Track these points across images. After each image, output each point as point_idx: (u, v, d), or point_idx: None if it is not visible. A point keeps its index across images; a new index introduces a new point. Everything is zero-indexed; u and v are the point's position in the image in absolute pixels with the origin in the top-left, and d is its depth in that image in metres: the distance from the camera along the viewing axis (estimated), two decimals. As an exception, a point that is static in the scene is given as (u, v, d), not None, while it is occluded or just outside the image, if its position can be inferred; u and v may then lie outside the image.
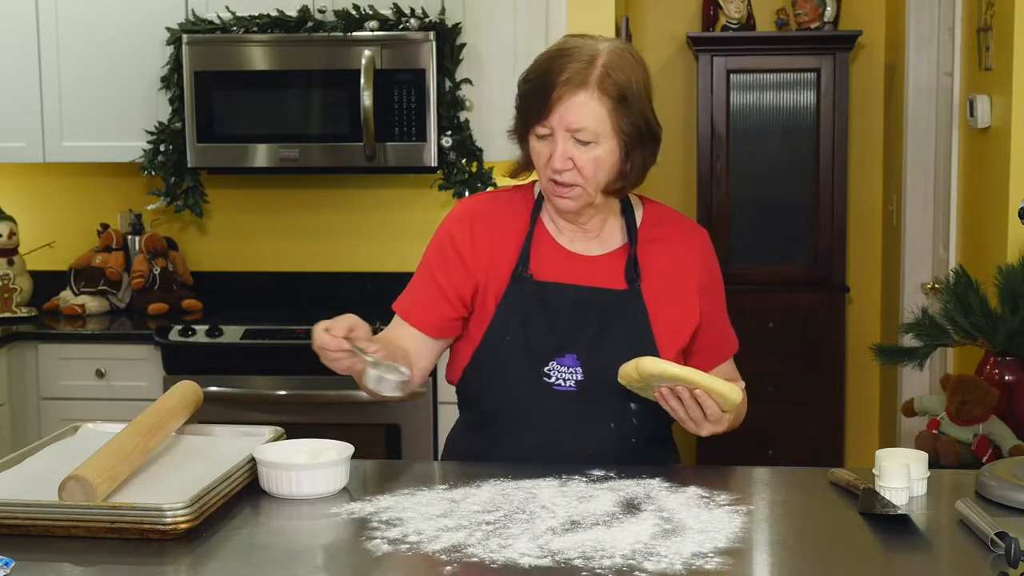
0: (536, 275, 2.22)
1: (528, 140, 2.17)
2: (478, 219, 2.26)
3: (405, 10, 4.11)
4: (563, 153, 2.11)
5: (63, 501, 1.80)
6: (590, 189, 2.16)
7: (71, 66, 4.25)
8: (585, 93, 2.10)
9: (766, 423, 5.00)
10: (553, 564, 1.67)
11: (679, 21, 5.21)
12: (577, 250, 2.25)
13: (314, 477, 1.98)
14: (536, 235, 2.25)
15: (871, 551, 1.76)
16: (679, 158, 5.28)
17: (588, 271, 2.23)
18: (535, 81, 2.14)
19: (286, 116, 4.14)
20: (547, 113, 2.10)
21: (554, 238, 2.26)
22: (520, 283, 2.21)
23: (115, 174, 4.49)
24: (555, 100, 2.09)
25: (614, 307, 2.20)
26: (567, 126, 2.10)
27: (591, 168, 2.13)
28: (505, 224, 2.26)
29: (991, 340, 3.02)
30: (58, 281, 4.47)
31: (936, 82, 4.46)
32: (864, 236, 5.24)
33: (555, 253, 2.24)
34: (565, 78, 2.09)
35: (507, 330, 2.20)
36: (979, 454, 2.91)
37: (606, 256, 2.25)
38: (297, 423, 2.52)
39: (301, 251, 4.56)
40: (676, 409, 2.06)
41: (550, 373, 2.18)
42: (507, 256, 2.23)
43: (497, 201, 2.31)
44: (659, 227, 2.30)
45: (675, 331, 2.24)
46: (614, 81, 2.11)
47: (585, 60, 2.11)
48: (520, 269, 2.22)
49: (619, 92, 2.12)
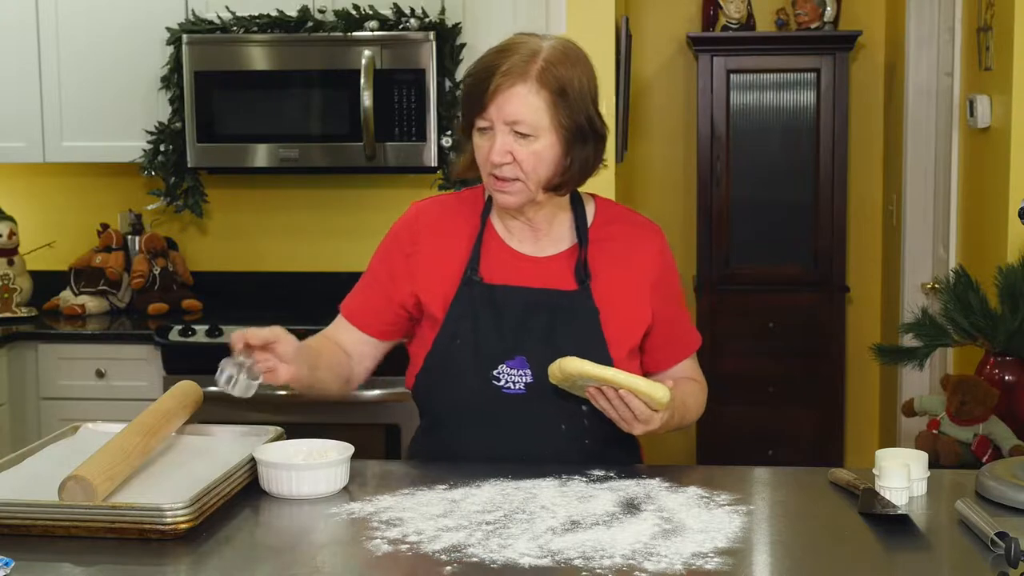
0: (485, 278, 2.21)
1: (471, 137, 2.18)
2: (425, 223, 2.27)
3: (405, 10, 4.11)
4: (502, 146, 2.11)
5: (63, 501, 1.80)
6: (531, 184, 2.14)
7: (71, 66, 4.25)
8: (524, 85, 2.09)
9: (766, 423, 5.01)
10: (553, 564, 1.67)
11: (679, 21, 5.21)
12: (527, 251, 2.24)
13: (314, 477, 1.98)
14: (486, 238, 2.24)
15: (871, 551, 1.76)
16: (679, 158, 5.28)
17: (538, 272, 2.22)
18: (476, 76, 2.14)
19: (286, 116, 4.14)
20: (486, 105, 2.10)
21: (504, 240, 2.25)
22: (469, 286, 2.20)
23: (115, 174, 4.49)
24: (493, 92, 2.09)
25: (564, 308, 2.20)
26: (505, 118, 2.10)
27: (531, 162, 2.12)
28: (454, 227, 2.26)
29: (991, 340, 3.02)
30: (58, 281, 4.47)
31: (936, 82, 4.45)
32: (864, 236, 5.24)
33: (505, 255, 2.23)
34: (504, 70, 2.09)
35: (457, 334, 2.19)
36: (979, 454, 2.91)
37: (556, 257, 2.24)
38: (297, 423, 2.52)
39: (301, 251, 4.56)
40: (606, 409, 2.06)
41: (499, 376, 2.17)
42: (456, 260, 2.23)
43: (446, 204, 2.31)
44: (611, 226, 2.28)
45: (626, 331, 2.23)
46: (554, 75, 2.10)
47: (527, 55, 2.11)
48: (469, 272, 2.21)
49: (559, 86, 2.11)
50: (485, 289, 2.20)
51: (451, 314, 2.20)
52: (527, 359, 2.17)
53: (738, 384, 4.97)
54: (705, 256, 5.02)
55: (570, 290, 2.21)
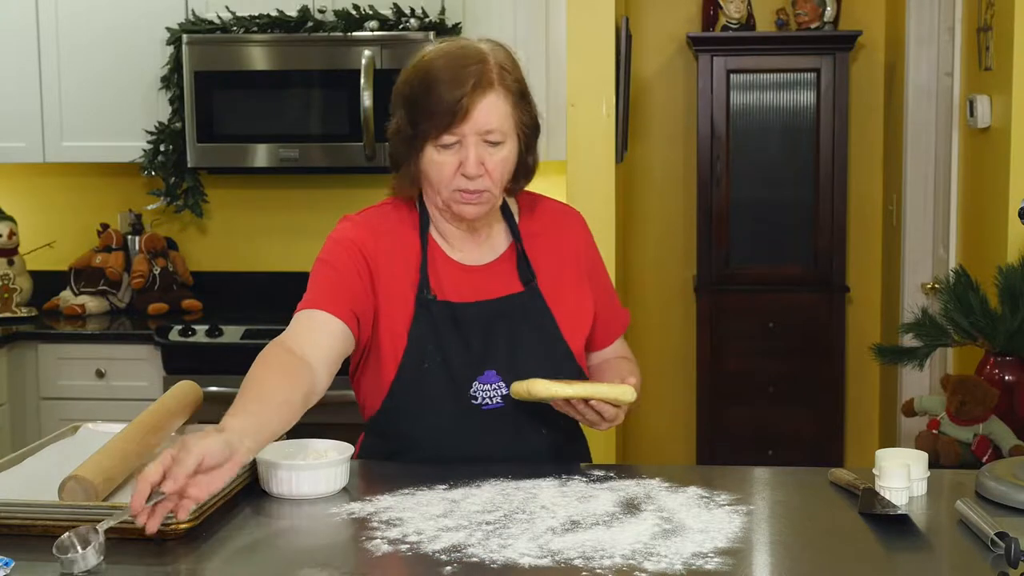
0: (439, 296, 2.16)
1: (423, 154, 2.10)
2: (367, 246, 2.15)
3: (405, 10, 4.11)
4: (476, 158, 2.07)
5: (63, 501, 1.80)
6: (496, 191, 2.13)
7: (71, 66, 4.25)
8: (493, 93, 2.07)
9: (766, 423, 5.00)
10: (553, 564, 1.67)
11: (679, 21, 5.21)
12: (470, 261, 2.21)
13: (314, 477, 1.98)
14: (430, 254, 2.19)
15: (871, 551, 1.76)
16: (679, 158, 5.28)
17: (486, 281, 2.20)
18: (431, 92, 2.06)
19: (286, 116, 4.14)
20: (458, 121, 2.04)
21: (446, 253, 2.20)
22: (426, 307, 2.15)
23: (115, 174, 4.49)
24: (467, 106, 2.04)
25: (518, 312, 2.19)
26: (479, 129, 2.06)
27: (499, 170, 2.10)
28: (394, 249, 2.17)
29: (991, 340, 3.02)
30: (58, 281, 4.47)
31: (936, 82, 4.45)
32: (864, 236, 5.24)
33: (451, 269, 2.19)
34: (471, 83, 2.04)
35: (424, 356, 2.14)
36: (979, 454, 2.91)
37: (498, 261, 2.23)
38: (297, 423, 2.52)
39: (301, 251, 4.54)
40: (576, 416, 2.10)
41: (476, 394, 2.15)
42: (403, 279, 2.16)
43: (383, 223, 2.19)
44: (536, 218, 2.27)
45: (577, 320, 2.24)
46: (513, 78, 2.10)
47: (477, 60, 2.08)
48: (424, 292, 2.15)
49: (519, 88, 2.11)
50: (443, 308, 2.16)
51: (414, 336, 2.14)
52: (497, 372, 2.16)
53: (738, 384, 4.97)
54: (705, 256, 5.02)
55: (519, 292, 2.21)
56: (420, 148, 2.10)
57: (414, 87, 2.10)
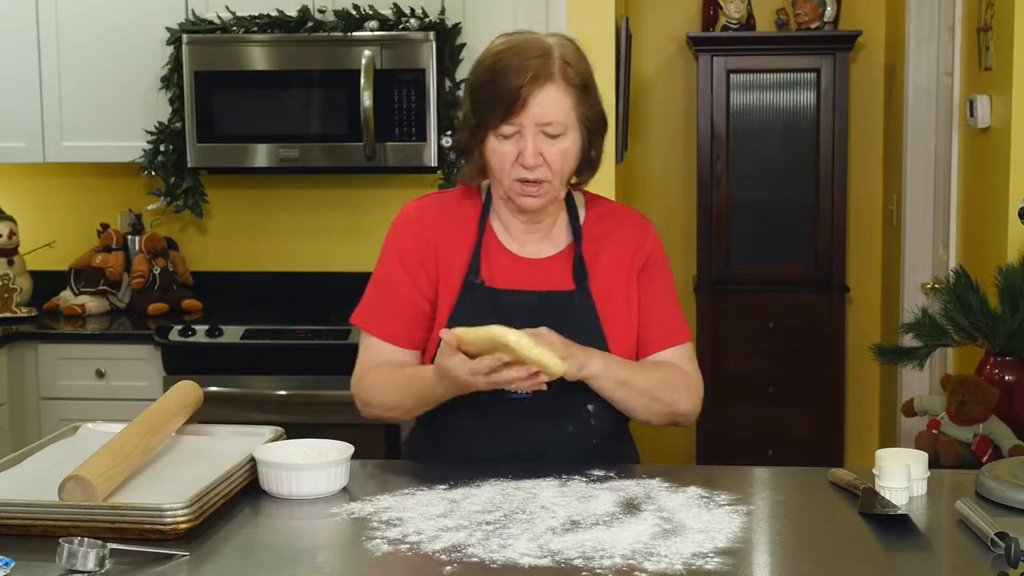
0: (487, 282, 2.20)
1: (485, 144, 2.15)
2: (427, 224, 2.24)
3: (405, 10, 4.11)
4: (535, 149, 2.11)
5: (63, 501, 1.80)
6: (557, 183, 2.16)
7: (71, 66, 4.25)
8: (552, 86, 2.10)
9: (766, 423, 5.01)
10: (553, 564, 1.67)
11: (679, 21, 5.21)
12: (526, 254, 2.24)
13: (314, 477, 1.98)
14: (485, 241, 2.23)
15: (871, 551, 1.76)
16: (679, 158, 5.28)
17: (537, 274, 2.22)
18: (493, 83, 2.12)
19: (286, 116, 4.14)
20: (516, 111, 2.09)
21: (503, 244, 2.24)
22: (472, 291, 2.20)
23: (115, 174, 4.49)
24: (525, 96, 2.08)
25: (564, 309, 2.20)
26: (537, 120, 2.10)
27: (559, 161, 2.13)
28: (453, 230, 2.24)
29: (991, 340, 3.02)
30: (58, 281, 4.47)
31: (936, 82, 4.45)
32: (864, 236, 5.24)
33: (505, 259, 2.23)
34: (530, 74, 2.09)
35: None
36: (979, 454, 2.91)
37: (554, 257, 2.24)
38: (297, 423, 2.52)
39: (301, 251, 4.56)
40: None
41: None
42: (457, 263, 2.22)
43: (445, 206, 2.28)
44: (602, 222, 2.28)
45: (625, 327, 2.23)
46: (576, 71, 2.13)
47: (541, 53, 2.11)
48: (471, 276, 2.20)
49: (581, 81, 2.14)
50: (488, 293, 2.20)
51: (454, 320, 2.19)
52: None
53: (738, 384, 4.97)
54: (705, 256, 5.02)
55: (569, 290, 2.21)
56: (483, 137, 2.15)
57: (479, 77, 2.16)
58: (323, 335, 3.93)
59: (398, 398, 2.21)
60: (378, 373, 2.23)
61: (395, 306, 2.24)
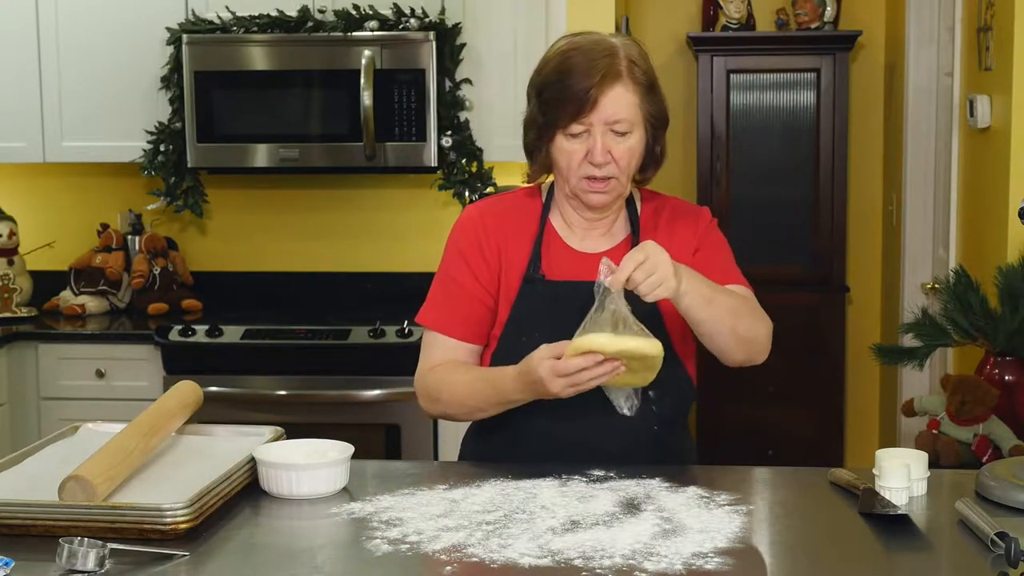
0: (547, 276, 2.24)
1: (553, 143, 2.18)
2: (488, 225, 2.28)
3: (405, 10, 4.11)
4: (603, 147, 2.14)
5: (63, 501, 1.80)
6: (624, 180, 2.19)
7: (71, 66, 4.25)
8: (621, 85, 2.15)
9: (766, 423, 5.00)
10: (553, 564, 1.67)
11: (679, 21, 5.21)
12: (586, 248, 2.27)
13: (314, 477, 1.98)
14: (546, 237, 2.27)
15: (871, 551, 1.76)
16: (679, 158, 5.27)
17: (595, 266, 2.22)
18: (561, 83, 2.15)
19: (286, 116, 4.14)
20: (587, 110, 2.12)
21: (564, 240, 2.28)
22: (532, 284, 2.23)
23: (115, 174, 4.49)
24: (595, 96, 2.12)
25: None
26: (606, 119, 2.14)
27: (627, 159, 2.17)
28: (514, 229, 2.28)
29: (991, 340, 3.02)
30: (58, 281, 4.47)
31: (936, 82, 4.45)
32: (864, 236, 5.24)
33: (564, 253, 2.26)
34: (599, 74, 2.12)
35: (522, 331, 2.21)
36: (979, 454, 2.91)
37: (612, 250, 2.26)
38: (297, 423, 2.52)
39: (301, 251, 4.56)
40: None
41: None
42: (517, 260, 2.25)
43: (505, 206, 2.33)
44: (660, 215, 2.32)
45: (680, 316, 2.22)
46: (642, 70, 2.19)
47: (607, 53, 2.15)
48: (532, 271, 2.24)
49: (647, 80, 2.20)
50: (547, 286, 2.23)
51: (515, 312, 2.23)
52: None
53: (738, 384, 4.93)
54: (705, 256, 5.01)
55: None
56: (551, 137, 2.18)
57: (546, 77, 2.18)
58: (323, 335, 3.93)
59: (470, 396, 2.20)
60: (444, 370, 2.25)
61: (459, 303, 2.27)
